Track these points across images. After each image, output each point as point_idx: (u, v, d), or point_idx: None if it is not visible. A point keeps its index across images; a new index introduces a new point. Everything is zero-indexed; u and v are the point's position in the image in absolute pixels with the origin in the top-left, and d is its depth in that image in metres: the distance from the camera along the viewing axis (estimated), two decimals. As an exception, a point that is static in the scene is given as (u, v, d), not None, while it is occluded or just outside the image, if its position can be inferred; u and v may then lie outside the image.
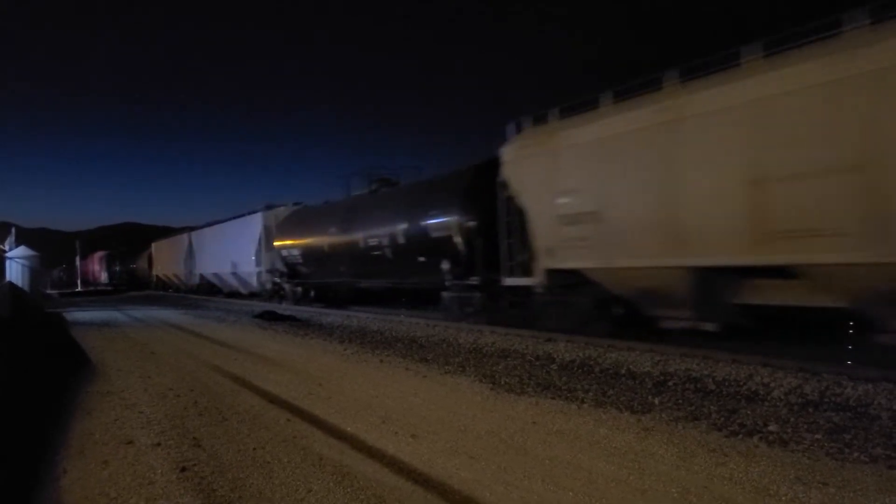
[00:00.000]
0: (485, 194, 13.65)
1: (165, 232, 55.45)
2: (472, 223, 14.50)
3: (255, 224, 27.81)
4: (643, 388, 7.61)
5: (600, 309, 11.25)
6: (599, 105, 10.75)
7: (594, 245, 10.64)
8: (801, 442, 5.30)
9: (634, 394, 7.28)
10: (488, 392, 7.60)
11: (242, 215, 30.11)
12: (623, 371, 8.60)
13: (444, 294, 15.59)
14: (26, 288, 29.29)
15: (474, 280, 14.48)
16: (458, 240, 14.81)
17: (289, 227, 25.04)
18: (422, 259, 16.22)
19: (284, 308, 22.06)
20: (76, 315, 23.77)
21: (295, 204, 27.34)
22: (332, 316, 18.72)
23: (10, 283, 26.17)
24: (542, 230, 11.86)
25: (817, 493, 4.19)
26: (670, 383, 7.75)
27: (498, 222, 13.12)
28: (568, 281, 11.57)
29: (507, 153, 12.77)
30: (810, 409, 6.31)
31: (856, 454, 4.93)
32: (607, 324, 11.19)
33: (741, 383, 7.43)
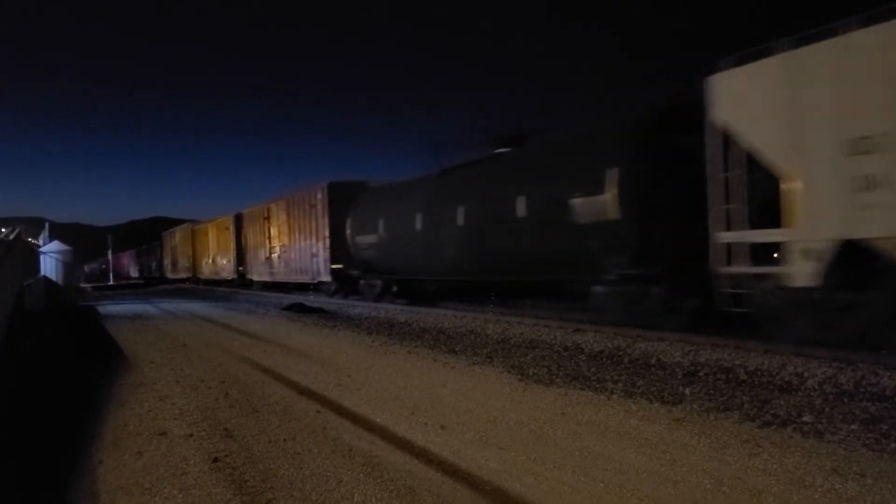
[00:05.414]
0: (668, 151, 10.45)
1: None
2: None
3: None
4: (673, 378, 7.53)
5: None
6: None
7: None
8: (836, 432, 5.20)
9: (665, 384, 7.20)
10: (517, 383, 7.58)
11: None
12: (653, 361, 8.52)
13: (598, 289, 11.63)
14: (60, 282, 29.87)
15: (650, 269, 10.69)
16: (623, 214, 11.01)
17: (361, 210, 21.00)
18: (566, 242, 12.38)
19: (313, 301, 22.18)
20: (109, 308, 24.21)
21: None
22: (360, 308, 18.82)
23: (45, 277, 26.71)
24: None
25: (854, 484, 4.10)
26: (701, 373, 7.66)
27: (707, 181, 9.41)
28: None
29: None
30: (845, 399, 6.20)
31: (894, 445, 4.83)
32: None
33: (774, 373, 7.32)
